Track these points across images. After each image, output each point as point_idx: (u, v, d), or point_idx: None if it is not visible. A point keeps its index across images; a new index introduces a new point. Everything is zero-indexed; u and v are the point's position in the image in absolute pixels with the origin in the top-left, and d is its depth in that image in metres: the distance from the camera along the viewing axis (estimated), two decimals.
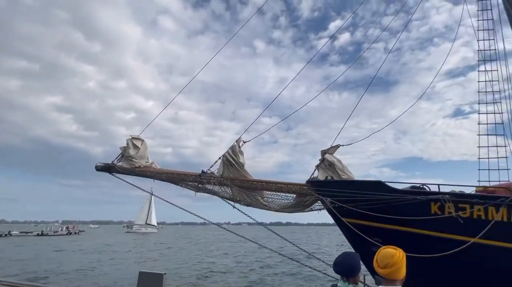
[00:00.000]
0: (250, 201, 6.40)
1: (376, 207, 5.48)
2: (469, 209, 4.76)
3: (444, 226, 4.91)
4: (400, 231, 5.32)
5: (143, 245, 34.31)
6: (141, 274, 6.40)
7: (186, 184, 6.58)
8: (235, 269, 15.22)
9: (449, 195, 4.89)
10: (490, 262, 4.71)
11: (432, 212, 5.04)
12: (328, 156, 6.63)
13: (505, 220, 4.54)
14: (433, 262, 4.79)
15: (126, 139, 6.74)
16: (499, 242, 4.58)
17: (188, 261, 18.23)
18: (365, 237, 5.11)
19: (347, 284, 1.90)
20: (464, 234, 4.71)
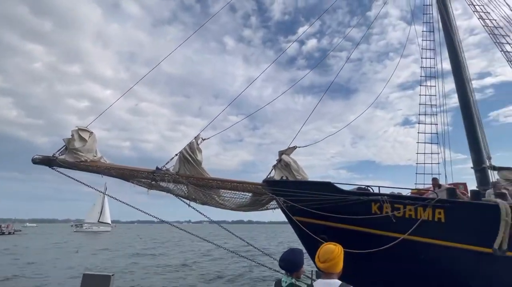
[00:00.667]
0: (206, 199, 6.33)
1: (325, 207, 5.83)
2: (402, 209, 5.33)
3: (382, 224, 5.42)
4: (345, 229, 5.73)
5: (93, 245, 31.70)
6: (85, 276, 5.85)
7: (138, 181, 6.25)
8: (186, 268, 14.85)
9: (387, 196, 5.41)
10: (417, 256, 5.31)
11: (373, 211, 5.53)
12: (285, 157, 6.86)
13: (430, 218, 5.18)
14: (371, 257, 5.25)
15: (71, 130, 6.16)
16: (425, 238, 5.20)
17: (140, 261, 17.31)
18: (312, 235, 5.39)
19: (290, 279, 2.01)
20: (397, 231, 5.25)
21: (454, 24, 9.73)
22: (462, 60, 9.04)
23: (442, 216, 5.12)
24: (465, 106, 8.42)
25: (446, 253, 5.19)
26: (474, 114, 8.32)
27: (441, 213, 5.13)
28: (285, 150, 7.06)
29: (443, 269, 5.24)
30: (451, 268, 5.22)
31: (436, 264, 5.25)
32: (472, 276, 5.13)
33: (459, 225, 5.14)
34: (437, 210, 5.15)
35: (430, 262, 5.28)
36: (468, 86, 8.67)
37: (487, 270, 5.08)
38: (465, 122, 8.33)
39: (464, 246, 5.13)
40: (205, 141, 6.82)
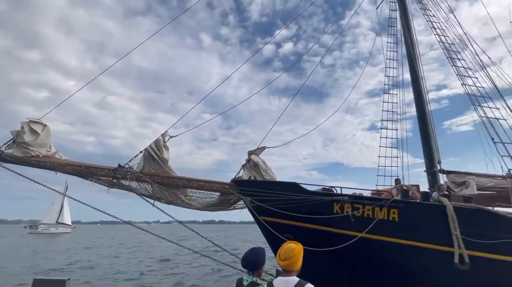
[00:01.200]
0: (171, 199, 6.15)
1: (290, 206, 5.98)
2: (361, 209, 5.64)
3: (343, 223, 5.69)
4: (309, 228, 5.92)
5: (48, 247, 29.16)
6: (36, 282, 5.29)
7: (98, 179, 5.89)
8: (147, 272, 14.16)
9: (348, 197, 5.70)
10: (373, 253, 5.66)
11: (334, 211, 5.78)
12: (254, 157, 6.91)
13: (385, 218, 5.54)
14: (332, 255, 5.49)
15: (21, 122, 5.62)
16: (380, 236, 5.56)
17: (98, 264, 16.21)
18: (277, 234, 5.50)
19: (252, 277, 2.04)
20: (356, 230, 5.55)
21: (415, 39, 10.53)
22: (420, 72, 9.81)
23: (396, 216, 5.51)
24: (421, 115, 9.15)
25: (399, 250, 5.58)
26: (428, 122, 9.07)
27: (395, 212, 5.51)
28: (254, 150, 7.11)
29: (396, 264, 5.63)
30: (403, 263, 5.61)
31: (390, 260, 5.63)
32: (422, 270, 5.55)
33: (411, 223, 5.57)
34: (392, 210, 5.53)
35: (385, 258, 5.64)
36: (424, 97, 9.43)
37: (436, 265, 5.51)
38: (421, 130, 9.05)
39: (415, 243, 5.55)
40: (175, 139, 6.64)
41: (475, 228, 5.33)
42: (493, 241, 5.21)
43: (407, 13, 10.61)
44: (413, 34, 10.36)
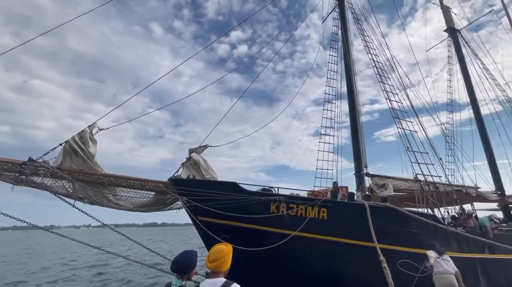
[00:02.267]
0: (96, 198, 5.49)
1: (229, 207, 5.95)
2: (295, 208, 5.94)
3: (278, 222, 5.90)
4: (247, 228, 5.97)
5: None
6: None
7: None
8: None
9: (283, 197, 5.94)
10: (304, 250, 5.99)
11: (271, 211, 5.96)
12: (194, 155, 6.68)
13: (316, 216, 5.95)
14: (267, 253, 5.62)
15: None
16: (311, 234, 5.92)
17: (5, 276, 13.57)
18: (213, 235, 5.39)
19: (181, 281, 1.97)
20: (290, 229, 5.81)
21: (353, 56, 11.73)
22: (355, 87, 10.94)
23: (325, 214, 5.96)
24: (353, 125, 10.18)
25: (327, 246, 6.04)
26: (359, 132, 10.14)
27: (325, 211, 5.96)
28: (195, 149, 6.88)
29: (325, 260, 6.06)
30: (331, 258, 6.07)
31: (319, 256, 6.04)
32: (347, 264, 6.04)
33: (337, 221, 6.07)
34: (322, 209, 5.97)
35: (315, 255, 6.03)
36: (357, 109, 10.52)
37: (359, 259, 5.97)
38: (352, 138, 10.06)
39: (341, 240, 6.07)
40: (112, 133, 5.96)
41: (386, 224, 6.11)
42: (398, 235, 6.05)
43: (347, 32, 11.72)
44: (351, 51, 11.51)
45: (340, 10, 11.99)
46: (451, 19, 15.93)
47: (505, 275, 7.08)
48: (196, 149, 6.88)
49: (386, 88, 10.54)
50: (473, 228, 7.60)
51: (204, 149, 7.03)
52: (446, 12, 16.05)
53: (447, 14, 15.97)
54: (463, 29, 16.21)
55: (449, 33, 15.90)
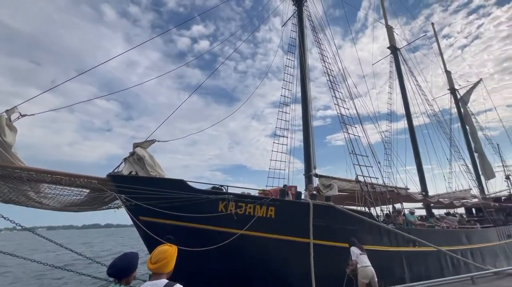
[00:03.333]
0: (11, 196, 4.69)
1: (176, 205, 5.64)
2: (244, 207, 5.90)
3: (226, 221, 5.79)
4: (192, 228, 5.73)
5: None
6: None
7: None
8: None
9: (232, 195, 5.86)
10: (251, 249, 5.99)
11: (219, 209, 5.82)
12: (139, 150, 6.19)
13: (264, 215, 6.00)
14: (214, 252, 5.47)
15: None
16: (258, 232, 5.95)
17: None
18: (154, 236, 5.04)
19: (118, 286, 1.82)
20: (237, 227, 5.75)
21: (307, 63, 12.24)
22: (308, 92, 11.44)
23: (273, 213, 6.05)
24: (305, 128, 10.61)
25: (274, 244, 6.12)
26: (310, 135, 10.60)
27: (272, 210, 6.05)
28: (141, 143, 6.38)
29: (271, 258, 6.14)
30: (278, 256, 6.16)
31: (266, 254, 6.10)
32: (293, 262, 6.17)
33: (285, 220, 6.21)
34: (270, 207, 6.05)
35: (261, 253, 6.07)
36: (308, 113, 11.01)
37: (304, 256, 6.11)
38: (304, 140, 10.48)
39: (287, 238, 6.22)
40: (22, 117, 5.11)
41: (328, 221, 6.48)
42: (339, 231, 6.46)
43: (304, 39, 12.19)
44: (307, 57, 12.00)
45: (298, 17, 12.43)
46: (393, 38, 17.83)
47: (425, 266, 8.11)
48: (141, 143, 6.38)
49: (336, 95, 11.24)
50: (401, 224, 8.55)
51: (150, 144, 6.56)
52: (389, 31, 17.90)
53: (390, 33, 17.83)
54: (402, 48, 18.28)
55: (391, 50, 17.76)
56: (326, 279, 5.91)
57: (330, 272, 6.02)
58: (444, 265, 8.49)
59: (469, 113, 23.22)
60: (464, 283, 6.56)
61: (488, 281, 6.72)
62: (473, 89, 23.99)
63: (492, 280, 6.85)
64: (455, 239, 9.68)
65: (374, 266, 5.81)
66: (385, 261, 7.15)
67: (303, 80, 11.37)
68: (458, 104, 23.51)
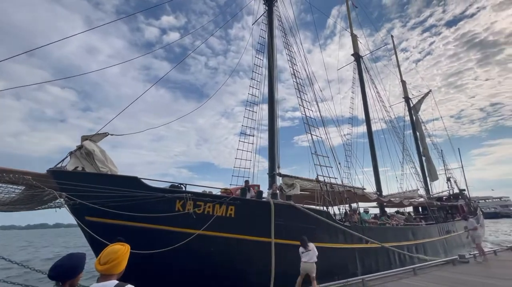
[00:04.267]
0: None
1: (128, 205, 5.24)
2: (203, 206, 5.70)
3: (183, 221, 5.53)
4: (146, 228, 5.38)
5: None
6: None
7: None
8: None
9: (191, 194, 5.62)
10: (208, 249, 5.81)
11: (176, 209, 5.55)
12: (88, 144, 5.63)
13: (224, 214, 5.86)
14: (170, 253, 5.18)
15: None
16: (217, 232, 5.80)
17: None
18: (103, 240, 4.62)
19: None
20: (194, 227, 5.53)
21: (276, 63, 12.33)
22: (275, 92, 11.54)
23: (233, 212, 5.94)
24: (270, 128, 10.67)
25: (233, 244, 6.02)
26: (275, 135, 10.69)
27: (232, 209, 5.94)
28: (90, 136, 5.83)
29: (230, 258, 6.03)
30: (237, 256, 6.06)
31: (226, 254, 5.96)
32: (253, 261, 6.13)
33: (245, 219, 6.14)
34: (230, 206, 5.93)
35: (220, 253, 5.92)
36: (275, 113, 11.10)
37: (265, 256, 6.09)
38: (269, 139, 10.54)
39: (248, 237, 6.15)
40: None
41: (288, 220, 6.56)
42: (298, 230, 6.57)
43: (273, 39, 12.26)
44: (275, 58, 12.09)
45: (268, 16, 12.46)
46: (357, 46, 18.85)
47: (375, 260, 8.67)
48: (91, 136, 5.83)
49: (302, 97, 11.50)
50: (356, 222, 9.03)
51: (102, 137, 6.03)
52: (354, 39, 18.89)
53: (355, 41, 18.83)
54: (365, 56, 19.42)
55: (355, 58, 18.77)
56: (285, 277, 5.97)
57: (288, 271, 6.09)
58: (392, 259, 9.17)
59: (420, 120, 25.57)
60: (407, 274, 7.12)
61: (428, 272, 7.40)
62: (424, 98, 26.44)
63: (431, 270, 7.56)
64: (403, 235, 10.52)
65: (330, 262, 6.01)
66: (340, 258, 7.48)
67: (270, 79, 11.43)
68: (411, 111, 25.73)
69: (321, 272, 6.12)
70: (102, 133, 5.99)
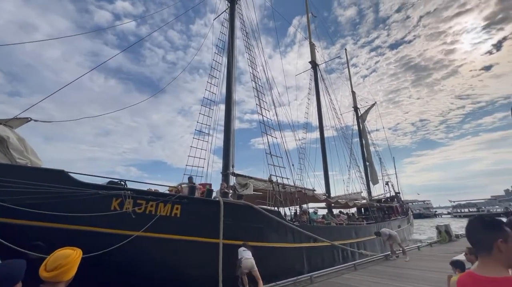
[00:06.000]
0: None
1: (50, 203, 4.48)
2: (144, 205, 5.19)
3: (120, 222, 4.95)
4: (73, 230, 4.66)
5: None
6: None
7: None
8: None
9: (130, 191, 5.07)
10: (151, 252, 5.30)
11: (112, 208, 4.94)
12: (2, 129, 4.69)
13: (168, 214, 5.42)
14: (102, 259, 4.55)
15: None
16: (159, 234, 5.32)
17: None
18: (14, 246, 3.84)
19: None
20: (133, 229, 4.99)
21: (235, 62, 12.18)
22: (233, 92, 11.35)
23: (179, 211, 5.53)
24: (226, 125, 10.44)
25: (179, 245, 5.58)
26: (230, 135, 10.48)
27: (178, 208, 5.53)
28: (6, 120, 4.88)
29: (176, 261, 5.57)
30: (183, 259, 5.63)
31: (169, 257, 5.50)
32: (199, 264, 5.73)
33: (192, 219, 5.76)
34: (175, 205, 5.51)
35: (164, 255, 5.44)
36: (232, 111, 10.91)
37: (213, 258, 5.73)
38: (224, 137, 10.30)
39: (194, 238, 5.76)
40: None
41: (238, 220, 6.39)
42: (248, 230, 6.45)
43: (233, 38, 12.08)
44: (235, 57, 11.93)
45: (230, 14, 12.29)
46: (315, 54, 19.82)
47: (321, 258, 9.02)
48: (7, 120, 4.87)
49: (260, 96, 11.54)
50: (305, 222, 9.31)
51: (22, 123, 5.11)
52: (312, 48, 19.83)
53: (312, 50, 19.77)
54: (321, 64, 20.52)
55: (312, 65, 19.69)
56: (234, 280, 5.75)
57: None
58: (336, 257, 9.67)
59: (366, 129, 28.01)
60: (349, 270, 7.69)
61: (366, 267, 8.13)
62: (370, 109, 29.06)
63: (368, 265, 8.24)
64: (347, 234, 11.22)
65: (279, 262, 5.98)
66: (289, 257, 7.57)
67: (229, 77, 11.24)
68: (358, 120, 28.02)
69: (270, 271, 6.07)
70: (22, 118, 5.07)
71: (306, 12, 21.43)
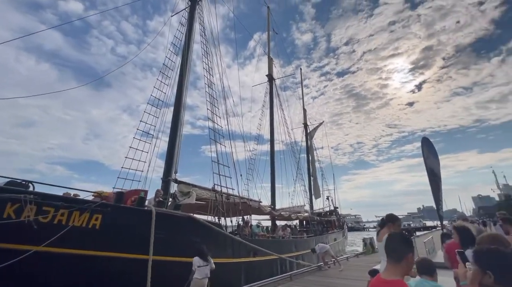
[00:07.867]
0: None
1: None
2: (52, 213, 4.24)
3: (12, 233, 3.92)
4: None
5: None
6: None
7: None
8: None
9: (33, 196, 4.09)
10: (54, 272, 4.32)
11: (5, 215, 3.90)
12: None
13: (84, 225, 4.53)
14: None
15: None
16: (69, 249, 4.40)
17: None
18: None
19: None
20: (31, 242, 4.01)
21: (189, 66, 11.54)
22: (183, 99, 10.70)
23: (98, 222, 4.68)
24: (172, 131, 9.69)
25: (95, 263, 4.69)
26: (176, 139, 9.73)
27: (98, 218, 4.68)
28: None
29: (89, 283, 4.65)
30: (101, 280, 4.73)
31: (79, 278, 4.56)
32: (125, 285, 4.93)
33: (115, 231, 4.93)
34: (95, 215, 4.65)
35: (72, 277, 4.47)
36: (180, 114, 10.23)
37: (141, 277, 4.99)
38: (169, 143, 9.51)
39: (116, 254, 4.90)
40: None
41: (172, 233, 5.75)
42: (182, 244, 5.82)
43: (190, 39, 11.52)
44: (190, 59, 11.36)
45: (190, 12, 11.79)
46: (272, 68, 20.35)
47: (259, 272, 8.79)
48: None
49: (214, 103, 11.14)
50: (247, 235, 9.04)
51: None
52: (270, 62, 20.35)
53: (270, 63, 20.29)
54: (277, 79, 21.15)
55: (268, 79, 20.13)
56: None
57: None
58: (274, 270, 9.58)
59: (313, 146, 29.68)
60: (285, 280, 7.79)
61: (301, 277, 8.35)
62: (318, 127, 31.00)
63: (303, 276, 8.53)
64: (287, 247, 11.31)
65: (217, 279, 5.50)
66: (226, 273, 7.14)
67: (181, 77, 10.60)
68: (307, 136, 29.55)
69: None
70: None
71: (267, 27, 22.05)
